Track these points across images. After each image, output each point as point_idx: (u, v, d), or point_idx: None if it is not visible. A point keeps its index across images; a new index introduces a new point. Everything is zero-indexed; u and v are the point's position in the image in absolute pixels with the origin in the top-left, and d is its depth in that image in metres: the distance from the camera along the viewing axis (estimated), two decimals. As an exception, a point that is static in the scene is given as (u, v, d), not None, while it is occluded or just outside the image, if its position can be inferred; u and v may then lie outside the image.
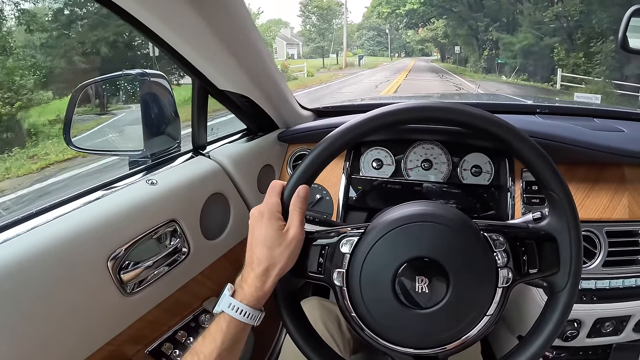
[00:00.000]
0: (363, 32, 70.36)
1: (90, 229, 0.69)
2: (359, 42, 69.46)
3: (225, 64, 0.90)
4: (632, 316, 1.10)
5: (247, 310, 0.60)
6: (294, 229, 0.63)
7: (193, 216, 0.90)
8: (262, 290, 0.61)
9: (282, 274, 0.63)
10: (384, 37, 69.37)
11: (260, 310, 0.62)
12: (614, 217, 1.04)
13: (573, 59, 17.14)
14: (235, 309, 0.60)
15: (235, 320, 0.60)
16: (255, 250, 0.62)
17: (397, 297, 0.60)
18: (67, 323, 0.65)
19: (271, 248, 0.61)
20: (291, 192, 0.65)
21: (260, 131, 1.24)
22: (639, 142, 1.06)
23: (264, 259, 0.61)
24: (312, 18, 49.39)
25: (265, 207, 0.64)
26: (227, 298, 0.61)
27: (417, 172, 1.17)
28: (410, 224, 0.62)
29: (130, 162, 1.00)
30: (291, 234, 0.62)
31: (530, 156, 0.64)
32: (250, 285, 0.61)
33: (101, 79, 1.05)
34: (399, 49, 73.18)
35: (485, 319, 0.61)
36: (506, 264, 0.61)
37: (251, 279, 0.61)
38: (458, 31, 31.94)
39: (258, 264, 0.61)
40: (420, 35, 52.87)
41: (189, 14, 0.71)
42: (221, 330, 0.60)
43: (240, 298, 0.61)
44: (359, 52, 59.00)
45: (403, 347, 0.62)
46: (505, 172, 1.11)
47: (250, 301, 0.61)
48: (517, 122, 1.01)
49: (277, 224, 0.63)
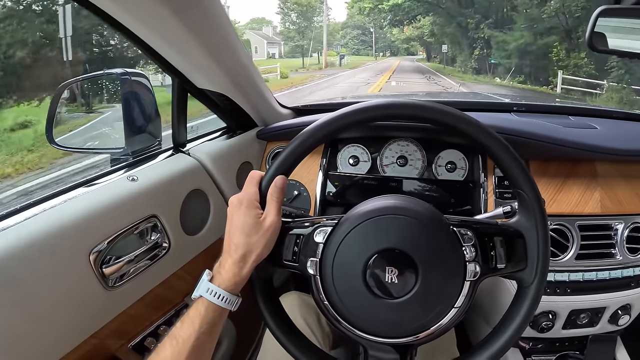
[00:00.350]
0: (347, 31, 68.58)
1: (72, 224, 0.70)
2: (343, 41, 67.64)
3: (203, 63, 0.92)
4: (607, 308, 1.13)
5: (225, 295, 0.62)
6: (271, 217, 0.65)
7: (173, 212, 0.92)
8: (239, 275, 0.63)
9: (259, 260, 0.65)
10: (369, 36, 67.83)
11: (237, 296, 0.64)
12: (586, 211, 1.08)
13: (574, 60, 16.13)
14: (214, 293, 0.62)
15: (213, 305, 0.62)
16: (233, 237, 0.64)
17: (367, 286, 0.62)
18: (50, 317, 0.66)
19: (249, 235, 0.63)
20: (269, 182, 0.67)
21: (239, 129, 1.26)
22: (611, 139, 1.10)
23: (241, 245, 0.63)
24: (292, 15, 46.99)
25: (244, 196, 0.66)
26: (205, 283, 0.63)
27: (392, 168, 1.20)
28: (382, 216, 0.64)
29: (112, 159, 1.02)
30: (268, 222, 0.64)
31: (500, 155, 0.66)
32: (228, 271, 0.63)
33: (83, 78, 1.06)
34: (384, 48, 71.55)
35: (454, 310, 0.63)
36: (474, 258, 0.63)
37: (229, 264, 0.63)
38: (446, 29, 30.18)
39: (236, 250, 0.63)
40: (405, 33, 50.57)
41: (166, 14, 0.73)
42: (199, 315, 0.61)
43: (218, 283, 0.63)
44: (343, 52, 56.99)
45: (374, 336, 0.64)
46: (478, 168, 1.14)
47: (228, 286, 0.63)
48: (493, 120, 1.05)
49: (255, 212, 0.65)
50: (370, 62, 46.17)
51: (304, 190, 1.21)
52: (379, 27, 59.15)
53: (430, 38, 38.06)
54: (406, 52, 66.75)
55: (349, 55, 56.98)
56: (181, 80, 0.98)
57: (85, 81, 1.07)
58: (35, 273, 0.64)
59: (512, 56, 20.04)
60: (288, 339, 0.69)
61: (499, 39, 21.19)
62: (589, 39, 0.89)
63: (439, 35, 33.46)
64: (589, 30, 0.89)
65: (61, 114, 1.01)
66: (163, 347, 0.60)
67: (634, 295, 1.12)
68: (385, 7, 35.67)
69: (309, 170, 1.21)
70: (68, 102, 1.03)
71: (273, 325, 0.69)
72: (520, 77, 19.29)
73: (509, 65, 20.36)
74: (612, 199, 1.09)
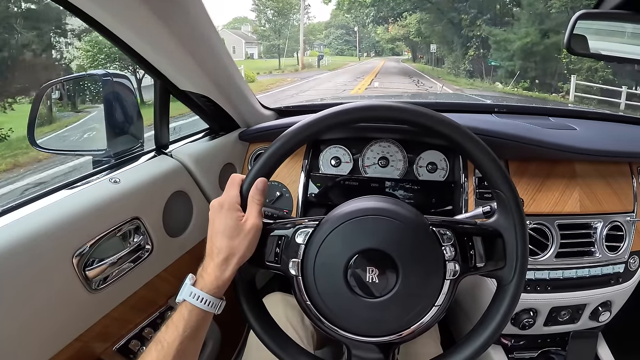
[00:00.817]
0: (331, 31, 67.12)
1: (55, 227, 0.71)
2: (326, 41, 66.23)
3: (185, 65, 0.92)
4: (587, 305, 1.16)
5: (208, 299, 0.63)
6: (252, 219, 0.66)
7: (156, 214, 0.93)
8: (221, 278, 0.64)
9: (242, 262, 0.66)
10: (353, 36, 66.82)
11: (220, 299, 0.65)
12: (565, 210, 1.11)
13: (588, 62, 14.24)
14: (197, 297, 0.63)
15: (197, 309, 0.63)
16: (215, 240, 0.65)
17: (349, 286, 0.64)
18: (33, 320, 0.66)
19: (231, 238, 0.64)
20: (250, 185, 0.68)
21: (222, 130, 1.27)
22: (590, 140, 1.13)
23: (223, 248, 0.64)
24: (267, 13, 44.29)
25: (225, 199, 0.68)
26: (188, 287, 0.64)
27: (374, 169, 1.22)
28: (363, 217, 0.66)
29: (94, 161, 1.01)
30: (249, 224, 0.66)
31: (479, 157, 0.68)
32: (210, 274, 0.64)
33: (65, 79, 1.06)
34: (369, 49, 69.89)
35: (434, 309, 0.64)
36: (454, 257, 0.64)
37: (211, 268, 0.64)
38: (435, 27, 27.64)
39: (218, 254, 0.64)
40: (390, 33, 48.51)
41: (149, 16, 0.73)
42: (183, 319, 0.62)
43: (201, 287, 0.64)
44: (326, 52, 55.48)
45: (356, 335, 0.66)
46: (459, 168, 1.16)
47: (211, 289, 0.63)
48: (473, 122, 1.07)
49: (236, 214, 0.66)
50: (352, 63, 44.43)
51: (286, 191, 1.22)
52: (362, 26, 57.44)
53: (417, 37, 35.76)
54: (391, 53, 65.52)
55: (332, 55, 55.76)
56: (164, 82, 0.98)
57: (68, 82, 1.07)
58: (18, 277, 0.64)
59: (514, 57, 17.64)
60: (272, 339, 0.70)
61: (499, 37, 18.71)
62: (567, 42, 0.91)
63: (427, 34, 31.35)
64: (568, 34, 0.91)
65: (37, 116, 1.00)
66: (149, 351, 0.61)
67: (614, 292, 1.16)
68: (367, 1, 33.85)
69: (291, 171, 1.22)
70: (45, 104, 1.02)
71: (257, 326, 0.71)
72: (525, 83, 17.18)
73: (511, 67, 17.84)
74: (591, 199, 1.12)
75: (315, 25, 69.29)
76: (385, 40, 56.96)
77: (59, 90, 1.04)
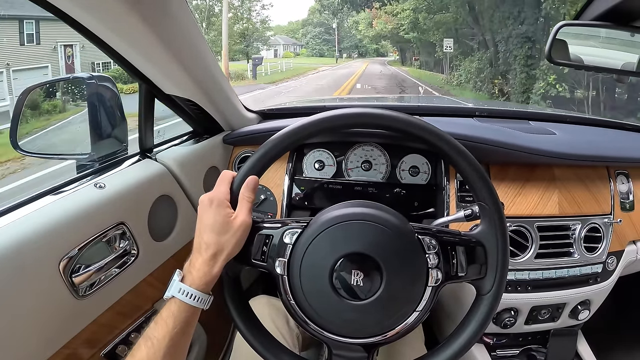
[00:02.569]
0: (308, 29, 60.65)
1: (40, 233, 0.72)
2: (303, 40, 60.47)
3: (170, 69, 0.94)
4: (567, 304, 1.22)
5: (196, 294, 0.65)
6: (242, 216, 0.68)
7: (141, 218, 0.95)
8: (210, 274, 0.67)
9: (230, 258, 0.68)
10: (333, 34, 59.15)
11: (209, 294, 0.68)
12: (544, 213, 1.16)
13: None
14: (185, 293, 0.65)
15: (185, 305, 0.65)
16: (203, 235, 0.67)
17: (333, 287, 0.67)
18: (20, 329, 0.67)
19: (219, 234, 0.67)
20: (241, 182, 0.71)
21: (206, 134, 1.29)
22: (569, 145, 1.18)
23: (212, 244, 0.66)
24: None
25: (215, 195, 0.70)
26: (176, 283, 0.66)
27: (357, 172, 1.26)
28: (351, 221, 0.69)
29: (78, 165, 1.03)
30: (239, 221, 0.68)
31: (467, 169, 0.72)
32: (198, 270, 0.66)
33: (48, 82, 1.07)
34: (351, 49, 62.73)
35: (415, 313, 0.68)
36: (436, 265, 0.68)
37: (199, 263, 0.67)
38: (442, 16, 19.66)
39: (206, 249, 0.67)
40: (375, 28, 38.26)
41: (134, 20, 0.75)
42: (172, 315, 0.64)
43: (190, 282, 0.66)
44: (303, 52, 51.46)
45: (338, 336, 0.69)
46: (441, 172, 1.21)
47: (200, 285, 0.66)
48: (455, 127, 1.11)
49: (226, 211, 0.68)
50: (325, 68, 34.62)
51: (271, 194, 1.25)
52: (333, 14, 52.21)
53: (411, 32, 25.44)
54: (376, 54, 59.44)
55: (308, 57, 50.49)
56: (148, 86, 1.00)
57: (51, 85, 1.08)
58: (4, 285, 0.65)
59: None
60: (258, 340, 0.73)
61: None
62: (548, 52, 0.96)
63: (431, 27, 21.85)
64: (549, 44, 0.96)
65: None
66: (138, 348, 0.63)
67: (593, 291, 1.22)
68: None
69: (275, 175, 1.25)
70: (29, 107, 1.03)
71: (243, 327, 0.74)
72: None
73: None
74: (569, 201, 1.17)
75: (293, 24, 63.67)
76: (369, 38, 47.85)
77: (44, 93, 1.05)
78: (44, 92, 1.08)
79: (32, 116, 1.08)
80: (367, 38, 47.55)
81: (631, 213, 1.27)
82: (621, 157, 1.26)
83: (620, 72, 1.02)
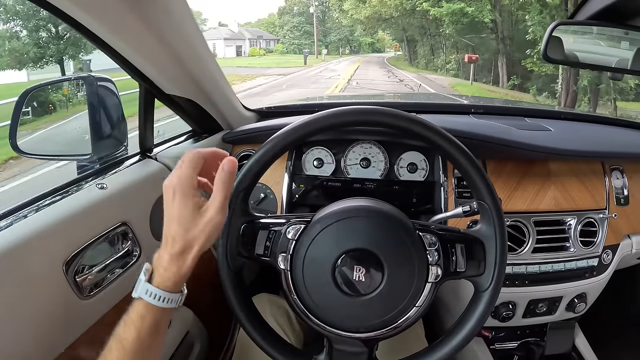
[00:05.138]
0: (286, 19, 51.46)
1: (44, 235, 0.72)
2: (281, 33, 50.79)
3: (171, 70, 0.96)
4: (563, 297, 1.25)
5: (165, 296, 0.60)
6: (212, 210, 0.61)
7: (143, 218, 0.96)
8: (179, 274, 0.61)
9: (200, 253, 0.62)
10: (317, 25, 48.63)
11: (180, 292, 0.63)
12: (541, 208, 1.19)
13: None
14: (153, 295, 0.59)
15: (153, 306, 0.60)
16: (170, 227, 0.61)
17: (335, 282, 0.69)
18: (26, 330, 0.67)
19: (186, 229, 0.60)
20: (236, 197, 0.72)
21: (205, 133, 1.30)
22: (564, 141, 1.21)
23: (178, 238, 0.60)
24: None
25: (178, 182, 0.61)
26: (143, 284, 0.60)
27: (356, 170, 1.28)
28: (353, 217, 0.71)
29: (79, 166, 1.04)
30: (208, 216, 0.61)
31: (467, 168, 0.73)
32: (167, 269, 0.60)
33: (48, 83, 1.07)
34: (341, 43, 51.76)
35: (415, 309, 0.70)
36: (436, 262, 0.70)
37: (166, 261, 0.61)
38: None
39: (173, 244, 0.60)
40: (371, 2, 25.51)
41: (134, 20, 0.77)
42: (140, 317, 0.59)
43: (157, 283, 0.60)
44: (278, 48, 42.67)
45: (339, 330, 0.71)
46: (438, 169, 1.23)
47: (168, 286, 0.60)
48: (453, 124, 1.14)
49: (192, 202, 0.61)
50: (282, 73, 22.46)
51: (270, 192, 1.26)
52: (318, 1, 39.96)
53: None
54: (371, 49, 48.49)
55: (283, 54, 40.06)
56: (148, 86, 1.01)
57: (51, 86, 1.09)
58: (9, 287, 0.65)
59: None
60: (262, 336, 0.75)
61: None
62: (544, 51, 0.98)
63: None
64: (544, 42, 0.98)
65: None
66: (109, 350, 0.60)
67: (589, 285, 1.25)
68: None
69: (275, 173, 1.27)
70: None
71: (246, 324, 0.75)
72: None
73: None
74: (565, 196, 1.20)
75: (271, 16, 52.02)
76: (362, 24, 34.40)
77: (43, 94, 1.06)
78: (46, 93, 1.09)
79: (32, 117, 1.09)
80: (357, 22, 34.17)
81: (626, 207, 1.30)
82: (615, 153, 1.29)
83: (615, 69, 1.04)
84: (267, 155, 0.74)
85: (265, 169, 0.75)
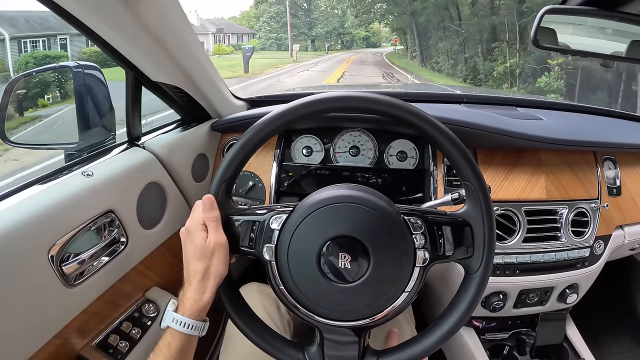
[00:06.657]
0: (263, 9, 42.86)
1: (29, 223, 0.72)
2: (256, 26, 42.37)
3: (157, 56, 0.95)
4: (555, 287, 1.25)
5: (190, 323, 0.68)
6: (213, 237, 0.70)
7: (130, 206, 0.96)
8: (202, 301, 0.69)
9: (219, 281, 0.71)
10: (301, 16, 41.83)
11: (203, 321, 0.71)
12: (532, 197, 1.18)
13: None
14: (179, 322, 0.68)
15: (180, 334, 0.68)
16: (189, 265, 0.70)
17: (321, 271, 0.68)
18: (11, 319, 0.68)
19: (201, 260, 0.69)
20: (217, 189, 0.72)
21: (194, 121, 1.30)
22: (555, 130, 1.21)
23: (198, 271, 0.69)
24: None
25: (190, 223, 0.72)
26: (170, 313, 0.69)
27: (345, 158, 1.27)
28: (336, 204, 0.70)
29: (66, 155, 1.03)
30: (212, 243, 0.69)
31: (450, 149, 0.73)
32: (190, 298, 0.69)
33: (35, 71, 1.07)
34: (328, 36, 43.36)
35: (404, 294, 0.70)
36: (423, 245, 0.70)
37: (190, 292, 0.69)
38: None
39: (194, 277, 0.69)
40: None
41: (119, 6, 0.75)
42: (168, 345, 0.68)
43: (182, 312, 0.69)
44: (254, 43, 34.65)
45: (328, 319, 0.70)
46: (428, 157, 1.22)
47: (192, 313, 0.69)
48: (443, 112, 1.13)
49: (201, 235, 0.70)
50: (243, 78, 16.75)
51: (259, 181, 1.26)
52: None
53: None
54: (365, 43, 41.23)
55: (258, 51, 33.56)
56: (135, 74, 1.00)
57: (38, 75, 1.08)
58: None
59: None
60: (250, 328, 0.75)
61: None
62: (533, 37, 0.97)
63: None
64: (534, 28, 0.97)
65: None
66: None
67: (580, 275, 1.25)
68: None
69: (263, 161, 1.26)
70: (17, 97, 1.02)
71: (235, 316, 0.75)
72: None
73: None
74: (556, 186, 1.20)
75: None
76: (353, 10, 30.06)
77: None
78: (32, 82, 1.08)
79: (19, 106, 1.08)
80: (350, 16, 28.64)
81: (618, 198, 1.30)
82: (608, 143, 1.29)
83: (607, 57, 1.03)
84: (248, 146, 0.73)
85: (247, 159, 0.74)
